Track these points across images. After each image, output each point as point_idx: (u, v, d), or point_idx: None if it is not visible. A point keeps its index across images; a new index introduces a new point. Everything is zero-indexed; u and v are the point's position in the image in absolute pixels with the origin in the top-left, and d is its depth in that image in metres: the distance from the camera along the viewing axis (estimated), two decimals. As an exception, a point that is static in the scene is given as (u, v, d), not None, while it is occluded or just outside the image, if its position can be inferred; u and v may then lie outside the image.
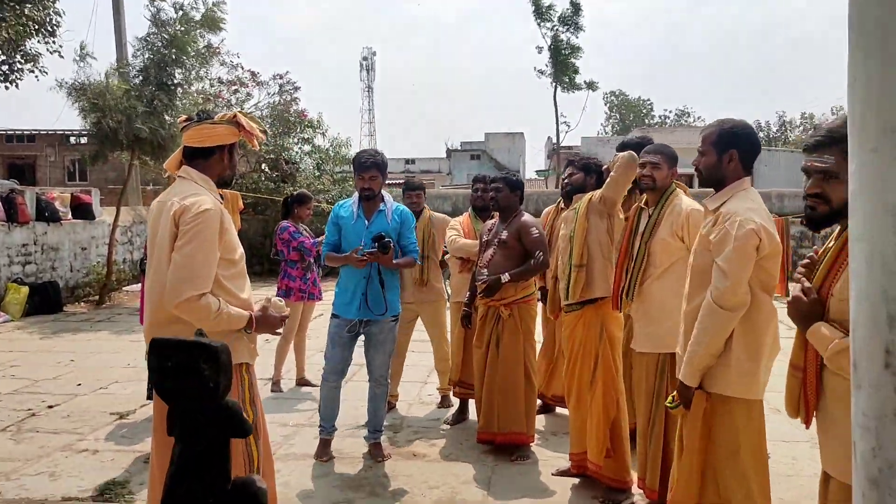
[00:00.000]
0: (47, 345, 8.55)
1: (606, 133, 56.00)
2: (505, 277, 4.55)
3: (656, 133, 36.10)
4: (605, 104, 60.55)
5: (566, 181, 4.31)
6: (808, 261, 2.21)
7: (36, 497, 4.01)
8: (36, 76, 14.53)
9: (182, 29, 11.74)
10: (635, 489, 3.93)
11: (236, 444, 2.76)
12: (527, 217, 4.77)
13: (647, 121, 58.18)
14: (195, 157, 2.82)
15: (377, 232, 4.38)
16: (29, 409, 5.74)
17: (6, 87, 14.38)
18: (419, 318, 5.79)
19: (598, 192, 4.05)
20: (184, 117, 2.92)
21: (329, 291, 4.85)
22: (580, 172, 4.23)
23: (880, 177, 1.08)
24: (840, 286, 2.02)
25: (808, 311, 2.08)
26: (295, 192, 6.78)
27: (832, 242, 2.16)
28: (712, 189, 2.90)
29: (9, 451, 4.77)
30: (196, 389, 0.86)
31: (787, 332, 2.74)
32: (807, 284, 2.12)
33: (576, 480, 4.22)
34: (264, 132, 2.98)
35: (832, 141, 2.04)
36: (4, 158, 29.75)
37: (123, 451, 4.78)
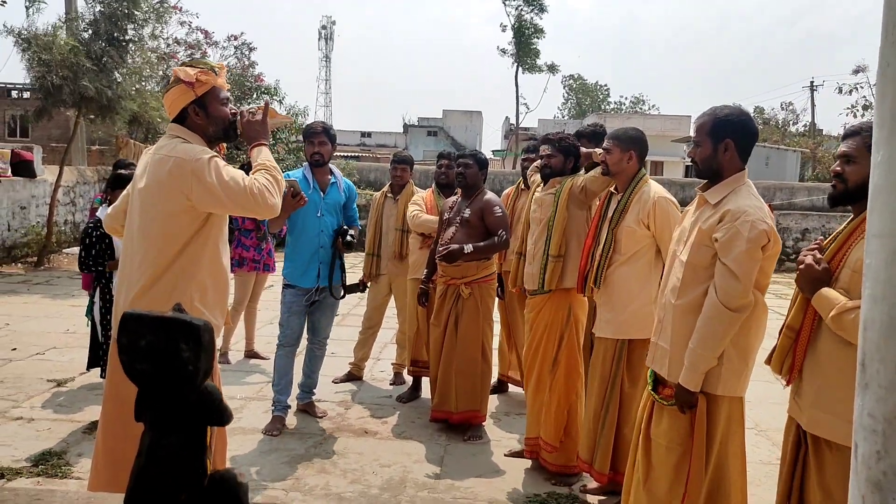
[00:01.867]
0: (-20, 306, 8.16)
1: (563, 116, 56.18)
2: (468, 248, 4.47)
3: (612, 118, 36.31)
4: (564, 87, 60.71)
5: (545, 164, 4.16)
6: (816, 245, 2.41)
7: (-35, 466, 3.80)
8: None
9: (135, -19, 11.22)
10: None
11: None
12: (490, 195, 4.70)
13: (602, 106, 58.49)
14: (176, 122, 2.77)
15: (339, 224, 4.70)
16: (-41, 373, 5.46)
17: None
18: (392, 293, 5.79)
19: (579, 181, 3.95)
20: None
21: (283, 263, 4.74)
22: (560, 155, 4.10)
23: (907, 169, 1.02)
24: (852, 257, 2.23)
25: (818, 277, 2.28)
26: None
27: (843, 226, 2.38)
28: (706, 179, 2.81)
29: (-64, 417, 4.52)
30: (173, 373, 0.75)
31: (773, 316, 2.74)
32: (818, 256, 2.32)
33: (528, 462, 4.20)
34: (215, 69, 2.77)
35: (857, 131, 2.34)
36: (-61, 110, 28.17)
37: (61, 420, 4.58)
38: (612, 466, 3.61)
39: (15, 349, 6.23)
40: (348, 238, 4.61)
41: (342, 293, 4.79)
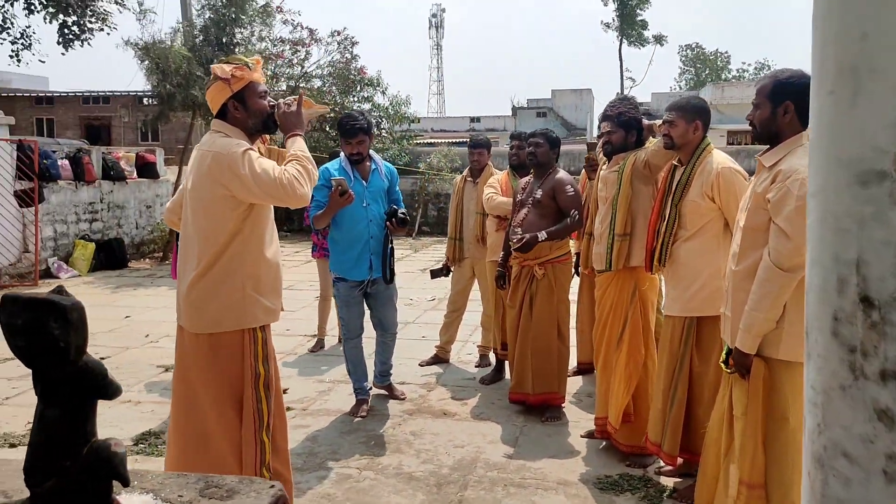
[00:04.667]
0: (109, 299, 8.90)
1: (680, 88, 53.98)
2: (542, 236, 4.42)
3: (732, 87, 34.50)
4: (680, 58, 58.31)
5: (606, 140, 4.06)
6: None
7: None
8: (107, 32, 14.93)
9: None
10: None
11: (247, 401, 2.82)
12: (562, 174, 4.62)
13: (723, 75, 55.70)
14: (219, 117, 2.91)
15: (388, 207, 4.61)
16: (84, 360, 5.98)
17: (78, 45, 14.79)
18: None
19: (641, 155, 3.83)
20: None
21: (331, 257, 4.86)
22: (620, 130, 3.97)
23: (834, 124, 0.94)
24: None
25: None
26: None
27: None
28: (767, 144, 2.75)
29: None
30: (46, 349, 0.83)
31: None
32: None
33: (604, 443, 4.14)
34: (250, 64, 2.87)
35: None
36: (81, 120, 30.78)
37: (164, 402, 4.93)
38: (683, 447, 3.49)
39: (148, 335, 6.77)
40: (400, 215, 4.51)
41: (391, 277, 4.66)
